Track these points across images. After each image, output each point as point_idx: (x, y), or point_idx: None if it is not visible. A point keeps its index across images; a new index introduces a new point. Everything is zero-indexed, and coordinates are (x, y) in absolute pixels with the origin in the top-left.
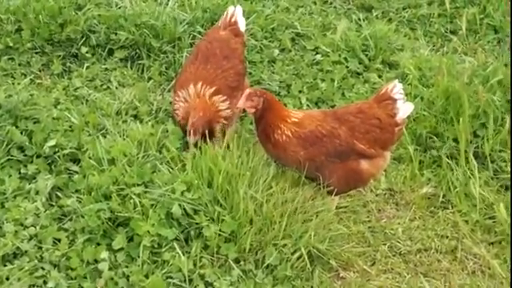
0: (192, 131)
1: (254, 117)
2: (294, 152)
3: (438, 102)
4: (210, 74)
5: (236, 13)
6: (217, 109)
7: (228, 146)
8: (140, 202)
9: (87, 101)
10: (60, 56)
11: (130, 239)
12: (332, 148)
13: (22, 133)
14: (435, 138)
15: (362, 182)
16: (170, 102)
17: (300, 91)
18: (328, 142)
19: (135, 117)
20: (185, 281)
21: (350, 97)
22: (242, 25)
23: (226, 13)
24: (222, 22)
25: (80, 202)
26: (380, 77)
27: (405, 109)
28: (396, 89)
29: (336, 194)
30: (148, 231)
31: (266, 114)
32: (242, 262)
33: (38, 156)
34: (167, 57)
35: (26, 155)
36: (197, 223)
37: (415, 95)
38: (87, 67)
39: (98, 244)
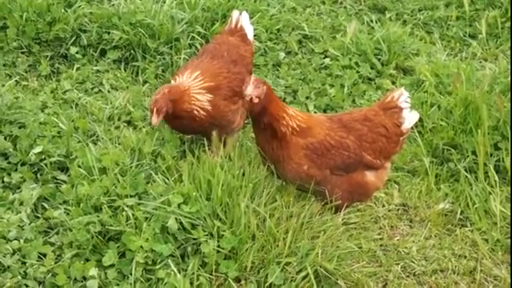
0: (155, 110)
1: (253, 111)
2: (298, 164)
3: (456, 111)
4: (213, 69)
5: (242, 19)
6: (187, 89)
7: (229, 156)
8: (133, 215)
9: (77, 105)
10: (48, 56)
11: (122, 255)
12: (340, 160)
13: (5, 138)
14: (453, 150)
15: (367, 195)
16: None
17: (307, 97)
18: (336, 155)
19: (129, 123)
20: None
21: (361, 104)
22: (249, 33)
23: (230, 18)
24: (227, 27)
25: (68, 213)
26: (394, 83)
27: (411, 118)
28: (403, 97)
29: (339, 210)
30: (141, 246)
31: (268, 106)
32: (242, 282)
33: (23, 164)
34: (164, 58)
35: (9, 163)
36: (194, 238)
37: (432, 103)
38: (77, 69)
39: (87, 260)
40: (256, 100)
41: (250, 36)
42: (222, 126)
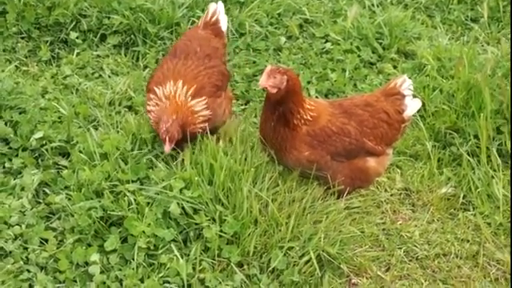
0: (168, 139)
1: (272, 99)
2: (298, 151)
3: (459, 95)
4: (191, 71)
5: (218, 11)
6: (191, 109)
7: (230, 141)
8: (135, 200)
9: (77, 90)
10: (48, 41)
11: (124, 240)
12: (341, 147)
13: (6, 124)
14: (455, 133)
15: (368, 181)
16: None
17: (308, 82)
18: (337, 141)
19: (129, 108)
20: (183, 286)
21: (362, 88)
22: (223, 24)
23: (206, 11)
24: (202, 20)
25: (69, 199)
26: (395, 67)
27: (413, 106)
28: (405, 84)
29: (341, 195)
30: (143, 231)
31: (288, 96)
32: (245, 266)
33: (24, 149)
34: (164, 43)
35: (10, 148)
36: (196, 223)
37: (434, 87)
38: (77, 54)
39: (89, 245)
40: (273, 90)
41: (224, 27)
42: (212, 122)
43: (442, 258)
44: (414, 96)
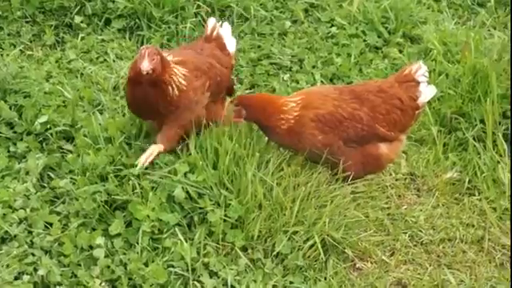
0: (147, 54)
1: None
2: (312, 135)
3: (465, 79)
4: (180, 51)
5: (219, 28)
6: (172, 65)
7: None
8: (139, 184)
9: (82, 74)
10: (52, 26)
11: (128, 224)
12: (353, 133)
13: (11, 108)
14: (461, 118)
15: (380, 167)
16: None
17: (314, 66)
18: (349, 127)
19: None
20: (187, 270)
21: (367, 73)
22: (230, 44)
23: (206, 25)
24: (204, 34)
25: (74, 183)
26: (401, 52)
27: (427, 92)
28: (420, 71)
29: (346, 180)
30: (148, 216)
31: (258, 118)
32: (249, 251)
33: (29, 133)
34: (169, 27)
35: (15, 132)
36: (201, 208)
37: (440, 72)
38: (82, 38)
39: (94, 229)
40: (242, 121)
41: (230, 48)
42: (186, 110)
43: (446, 243)
44: (429, 83)
